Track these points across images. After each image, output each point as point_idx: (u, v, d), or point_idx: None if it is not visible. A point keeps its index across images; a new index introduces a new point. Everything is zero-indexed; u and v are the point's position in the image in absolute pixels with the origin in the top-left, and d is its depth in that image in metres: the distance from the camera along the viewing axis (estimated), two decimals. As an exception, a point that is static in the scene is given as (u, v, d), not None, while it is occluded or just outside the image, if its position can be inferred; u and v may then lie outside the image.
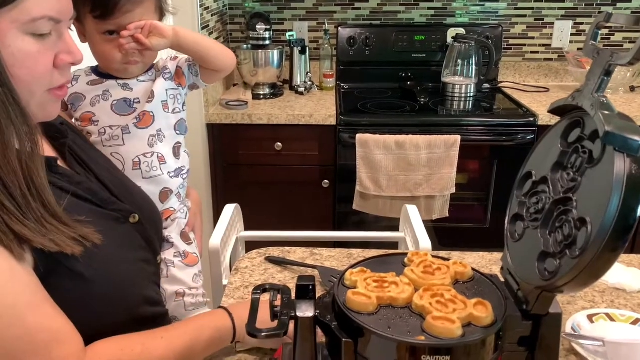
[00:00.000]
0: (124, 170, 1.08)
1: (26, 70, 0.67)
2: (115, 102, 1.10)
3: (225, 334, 0.82)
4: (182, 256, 1.12)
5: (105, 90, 1.10)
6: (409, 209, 1.42)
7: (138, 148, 1.10)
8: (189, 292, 1.10)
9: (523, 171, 0.74)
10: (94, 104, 1.09)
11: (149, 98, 1.11)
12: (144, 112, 1.10)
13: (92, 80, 1.11)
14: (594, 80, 0.60)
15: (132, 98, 1.11)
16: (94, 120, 1.08)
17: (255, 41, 2.39)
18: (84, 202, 0.79)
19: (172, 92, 1.14)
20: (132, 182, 1.02)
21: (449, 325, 0.61)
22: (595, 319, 0.92)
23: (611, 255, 0.57)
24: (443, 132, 2.12)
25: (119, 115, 1.09)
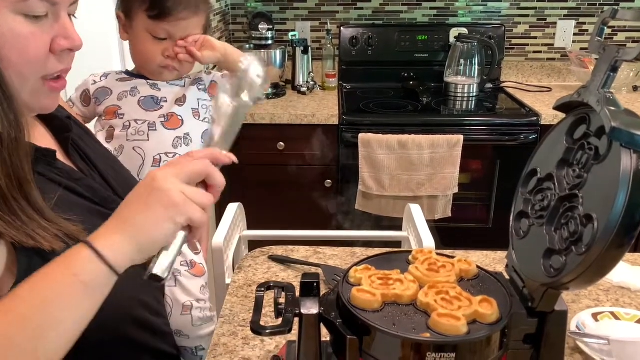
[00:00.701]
0: (143, 165, 1.10)
1: (17, 52, 0.63)
2: (143, 98, 1.12)
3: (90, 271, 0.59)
4: (189, 265, 1.11)
5: (134, 87, 1.13)
6: (412, 208, 1.42)
7: (162, 146, 1.12)
8: (197, 305, 1.10)
9: (528, 168, 0.74)
10: (120, 99, 1.12)
11: (180, 102, 1.14)
12: (172, 114, 1.13)
13: (122, 77, 1.15)
14: (599, 76, 0.60)
15: (159, 97, 1.14)
16: (119, 114, 1.11)
17: (258, 41, 2.39)
18: (82, 199, 0.75)
19: (205, 102, 1.18)
20: (137, 181, 0.99)
21: (454, 322, 0.61)
22: (600, 318, 0.91)
23: (618, 252, 0.57)
24: (446, 132, 2.12)
25: (145, 110, 1.11)
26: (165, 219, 0.61)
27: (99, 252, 0.59)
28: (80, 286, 0.59)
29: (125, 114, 1.11)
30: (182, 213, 0.62)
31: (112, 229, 0.62)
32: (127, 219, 0.62)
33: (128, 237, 0.61)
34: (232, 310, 0.96)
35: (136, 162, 1.10)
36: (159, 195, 0.62)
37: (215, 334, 0.90)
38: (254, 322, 0.66)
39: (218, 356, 0.84)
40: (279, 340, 0.87)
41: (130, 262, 0.62)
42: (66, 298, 0.59)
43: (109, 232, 0.61)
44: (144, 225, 0.61)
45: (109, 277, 0.60)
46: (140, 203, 0.63)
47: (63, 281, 0.59)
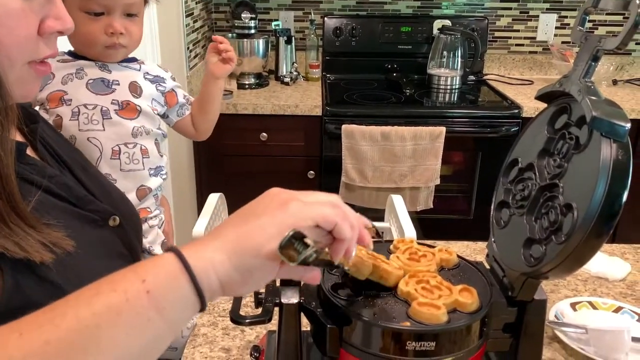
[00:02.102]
0: (101, 159, 1.01)
1: (6, 30, 0.57)
2: (92, 80, 1.02)
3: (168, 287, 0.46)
4: None
5: (79, 68, 1.02)
6: (394, 198, 1.42)
7: (120, 136, 1.03)
8: None
9: (509, 158, 0.74)
10: (65, 82, 1.01)
11: (135, 93, 1.06)
12: (127, 102, 1.04)
13: (64, 59, 1.03)
14: (581, 65, 0.60)
15: (110, 79, 1.04)
16: (65, 100, 1.00)
17: (241, 30, 2.37)
18: (57, 199, 0.67)
19: (157, 107, 1.11)
20: (107, 179, 0.90)
21: (434, 311, 0.61)
22: (578, 307, 0.92)
23: (596, 241, 0.57)
24: (428, 124, 2.12)
25: (95, 94, 1.01)
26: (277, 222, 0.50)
27: (184, 259, 0.46)
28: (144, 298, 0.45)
29: (73, 99, 1.00)
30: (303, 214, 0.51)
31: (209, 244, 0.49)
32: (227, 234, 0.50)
33: (225, 246, 0.49)
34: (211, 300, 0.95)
35: (93, 154, 1.00)
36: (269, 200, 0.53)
37: (195, 325, 0.89)
38: (234, 311, 0.65)
39: (198, 346, 0.83)
40: (259, 330, 0.86)
41: (223, 278, 0.48)
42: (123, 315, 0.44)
43: (204, 246, 0.49)
44: (246, 231, 0.50)
45: (189, 294, 0.46)
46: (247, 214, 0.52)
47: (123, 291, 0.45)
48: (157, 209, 1.13)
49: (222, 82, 1.20)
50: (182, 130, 1.23)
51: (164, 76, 1.12)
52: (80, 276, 0.58)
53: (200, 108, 1.21)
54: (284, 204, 0.52)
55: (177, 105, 1.16)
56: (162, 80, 1.11)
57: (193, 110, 1.21)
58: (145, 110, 1.07)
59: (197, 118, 1.21)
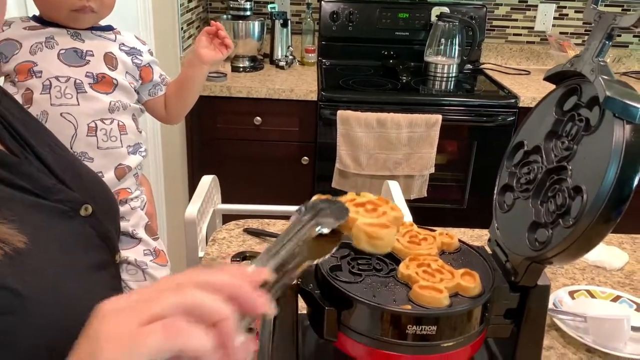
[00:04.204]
0: (75, 137, 0.94)
1: None
2: (63, 51, 0.94)
3: None
4: (154, 255, 1.02)
5: (49, 37, 0.94)
6: (390, 184, 1.40)
7: (96, 111, 0.96)
8: None
9: (514, 141, 0.72)
10: (34, 52, 0.92)
11: (111, 65, 0.99)
12: (102, 75, 0.97)
13: (31, 25, 0.95)
14: (594, 44, 0.58)
15: (83, 49, 0.96)
16: (35, 71, 0.91)
17: (236, 11, 2.32)
18: (17, 191, 0.59)
19: (133, 82, 1.04)
20: (80, 161, 0.79)
21: (436, 295, 0.59)
22: (576, 296, 0.91)
23: (605, 226, 0.55)
24: (424, 112, 2.10)
25: (68, 65, 0.93)
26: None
27: None
28: None
29: (43, 70, 0.92)
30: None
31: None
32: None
33: None
34: (204, 282, 0.93)
35: (67, 131, 0.93)
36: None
37: (187, 306, 0.87)
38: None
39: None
40: (253, 313, 0.84)
41: None
42: None
43: None
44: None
45: None
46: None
47: None
48: (138, 189, 1.07)
49: (207, 69, 1.13)
50: (152, 111, 1.14)
51: (141, 49, 1.05)
52: (37, 275, 0.54)
53: (177, 91, 1.13)
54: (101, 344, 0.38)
55: (150, 83, 1.09)
56: (138, 52, 1.04)
57: (168, 92, 1.13)
58: (122, 83, 1.00)
59: (172, 101, 1.13)
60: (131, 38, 1.05)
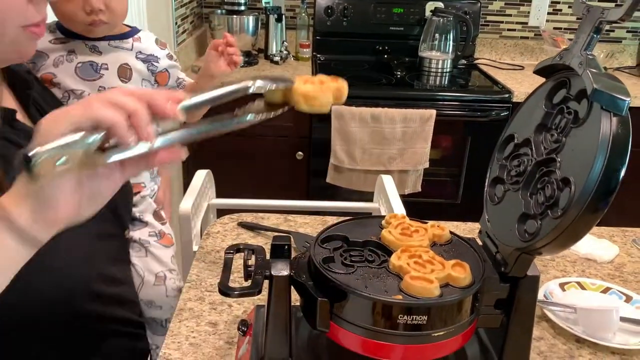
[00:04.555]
0: None
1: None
2: (80, 65, 1.01)
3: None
4: (158, 236, 1.07)
5: (71, 50, 1.02)
6: (384, 179, 1.41)
7: None
8: (170, 276, 1.06)
9: (505, 134, 0.73)
10: (57, 65, 1.01)
11: (124, 77, 1.03)
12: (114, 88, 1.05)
13: (57, 38, 1.03)
14: (582, 37, 0.59)
15: (99, 63, 1.03)
16: (55, 83, 1.00)
17: (230, 6, 2.32)
18: None
19: (147, 83, 1.09)
20: None
21: (426, 285, 0.60)
22: (566, 287, 0.92)
23: (592, 217, 0.56)
24: (419, 107, 2.11)
25: (83, 79, 1.01)
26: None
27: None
28: None
29: (61, 83, 1.01)
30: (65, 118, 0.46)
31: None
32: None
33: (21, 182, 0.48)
34: (199, 275, 0.94)
35: None
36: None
37: (181, 299, 0.87)
38: (222, 283, 0.64)
39: (184, 320, 0.82)
40: (247, 305, 0.85)
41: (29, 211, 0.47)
42: None
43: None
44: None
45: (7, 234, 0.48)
46: None
47: None
48: (152, 180, 1.13)
49: (217, 81, 1.15)
50: None
51: (158, 55, 1.10)
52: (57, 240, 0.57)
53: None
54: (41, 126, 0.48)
55: (166, 87, 1.14)
56: (155, 59, 1.09)
57: None
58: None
59: None
60: (150, 44, 1.09)
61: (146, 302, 1.02)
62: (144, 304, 1.03)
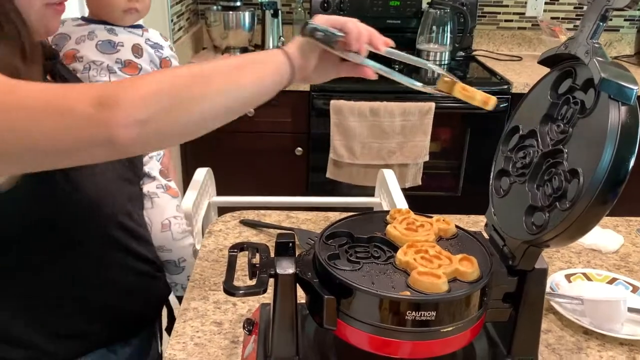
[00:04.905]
0: None
1: None
2: (100, 42, 1.14)
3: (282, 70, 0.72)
4: (164, 188, 1.15)
5: (91, 31, 1.15)
6: (385, 173, 1.40)
7: None
8: (175, 222, 1.12)
9: (509, 126, 0.72)
10: (79, 42, 1.14)
11: (137, 53, 1.16)
12: (129, 60, 1.15)
13: (79, 24, 1.17)
14: (588, 26, 0.58)
15: (116, 41, 1.16)
16: (77, 57, 1.13)
17: (226, 2, 2.30)
18: None
19: (154, 66, 1.21)
20: None
21: (434, 280, 0.59)
22: (572, 279, 0.92)
23: (601, 208, 0.56)
24: (417, 100, 2.10)
25: (102, 52, 1.14)
26: None
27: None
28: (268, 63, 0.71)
29: (84, 56, 1.13)
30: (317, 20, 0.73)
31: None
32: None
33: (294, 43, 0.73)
34: (202, 274, 0.93)
35: None
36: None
37: (185, 299, 0.87)
38: (227, 282, 0.63)
39: (188, 320, 0.81)
40: (251, 303, 0.84)
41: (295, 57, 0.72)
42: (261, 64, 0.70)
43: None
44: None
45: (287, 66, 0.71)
46: None
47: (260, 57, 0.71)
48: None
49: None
50: None
51: (163, 44, 1.22)
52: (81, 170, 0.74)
53: None
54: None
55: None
56: (160, 47, 1.21)
57: None
58: (146, 68, 1.18)
59: None
60: (156, 35, 1.23)
61: (158, 247, 1.08)
62: (156, 249, 1.08)
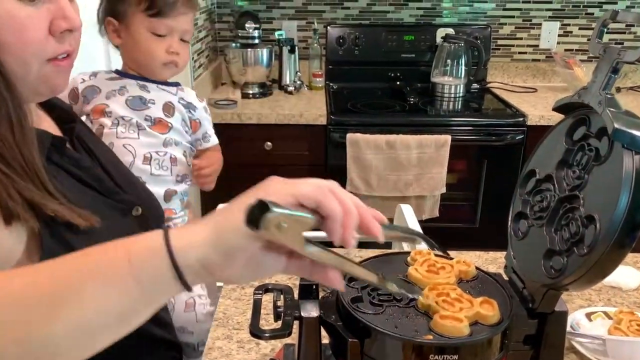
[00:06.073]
0: (133, 162, 1.11)
1: (14, 37, 0.62)
2: (131, 97, 1.14)
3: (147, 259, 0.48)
4: None
5: (123, 86, 1.15)
6: (403, 208, 1.42)
7: (152, 144, 1.14)
8: (200, 302, 1.10)
9: (526, 169, 0.74)
10: (109, 97, 1.13)
11: (168, 112, 1.16)
12: (159, 119, 1.14)
13: (111, 77, 1.16)
14: (600, 77, 0.60)
15: (147, 98, 1.15)
16: (107, 112, 1.12)
17: (245, 40, 2.37)
18: (89, 188, 0.75)
19: (185, 125, 1.20)
20: (135, 177, 0.96)
21: (456, 324, 0.60)
22: (593, 317, 0.92)
23: (619, 253, 0.57)
24: (433, 132, 2.12)
25: (132, 109, 1.13)
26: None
27: (168, 237, 0.48)
28: (125, 266, 0.47)
29: (113, 111, 1.13)
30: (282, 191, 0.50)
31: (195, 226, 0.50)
32: (212, 216, 0.51)
33: (209, 225, 0.49)
34: (225, 312, 0.95)
35: (126, 158, 1.10)
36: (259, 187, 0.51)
37: (210, 338, 0.88)
38: (253, 325, 0.65)
39: (213, 360, 0.83)
40: (274, 343, 0.86)
41: (201, 257, 0.48)
42: (104, 276, 0.48)
43: (190, 227, 0.51)
44: (230, 210, 0.49)
45: (166, 270, 0.47)
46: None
47: (109, 256, 0.49)
48: (182, 210, 1.21)
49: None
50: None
51: (197, 105, 1.22)
52: None
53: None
54: (267, 185, 0.52)
55: (195, 135, 1.24)
56: (193, 107, 1.21)
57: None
58: (176, 127, 1.18)
59: None
60: (191, 95, 1.22)
61: (178, 328, 1.05)
62: (176, 329, 1.05)
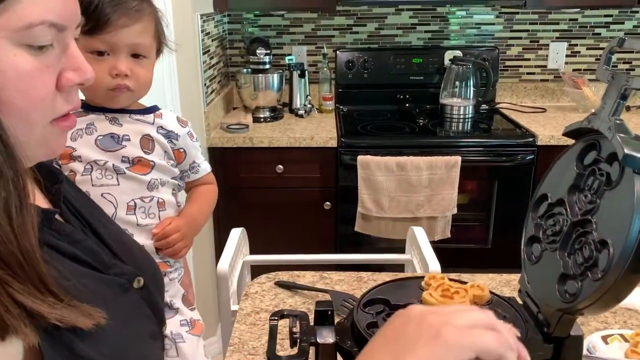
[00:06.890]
0: (116, 214, 0.97)
1: (20, 94, 0.49)
2: (101, 137, 0.98)
3: None
4: (190, 326, 1.04)
5: (90, 123, 0.98)
6: (415, 230, 1.42)
7: (135, 190, 0.99)
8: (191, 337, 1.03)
9: (537, 193, 0.75)
10: (75, 139, 0.97)
11: (147, 149, 1.00)
12: (139, 158, 0.99)
13: (76, 112, 1.01)
14: (609, 103, 0.61)
15: (120, 134, 0.99)
16: (74, 156, 0.96)
17: (256, 65, 2.41)
18: (84, 266, 0.61)
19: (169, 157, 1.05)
20: (128, 236, 0.81)
21: (472, 350, 0.61)
22: (609, 340, 0.92)
23: (634, 277, 0.57)
24: (443, 154, 2.13)
25: (104, 150, 0.97)
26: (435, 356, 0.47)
27: None
28: None
29: (82, 155, 0.96)
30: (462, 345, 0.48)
31: None
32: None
33: None
34: (240, 338, 0.96)
35: (108, 209, 0.95)
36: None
37: (225, 363, 0.89)
38: (270, 351, 0.66)
39: (229, 386, 0.83)
40: (290, 368, 0.86)
41: None
42: None
43: None
44: None
45: None
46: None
47: None
48: (177, 261, 1.09)
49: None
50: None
51: (179, 132, 1.05)
52: (112, 348, 0.58)
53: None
54: (437, 333, 0.49)
55: (181, 166, 1.09)
56: (175, 136, 1.05)
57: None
58: (159, 163, 1.02)
59: None
60: (171, 121, 1.05)
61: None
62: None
